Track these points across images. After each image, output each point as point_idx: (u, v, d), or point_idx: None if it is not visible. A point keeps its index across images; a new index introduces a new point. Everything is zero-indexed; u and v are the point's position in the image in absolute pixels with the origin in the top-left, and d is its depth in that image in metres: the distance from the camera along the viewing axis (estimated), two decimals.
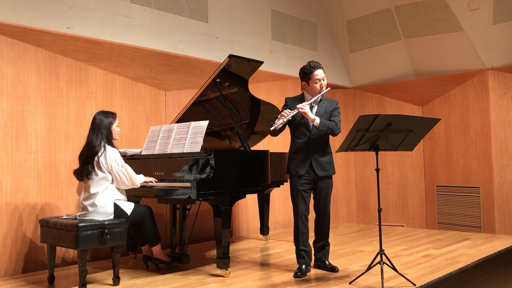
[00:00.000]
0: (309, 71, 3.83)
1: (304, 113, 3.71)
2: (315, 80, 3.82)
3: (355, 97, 7.73)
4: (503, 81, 6.36)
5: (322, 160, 3.85)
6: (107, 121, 3.79)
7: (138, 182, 3.78)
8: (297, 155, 3.87)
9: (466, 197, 6.57)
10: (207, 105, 4.61)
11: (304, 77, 3.88)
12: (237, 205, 6.00)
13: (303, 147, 3.85)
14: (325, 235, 3.98)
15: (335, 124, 3.81)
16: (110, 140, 3.80)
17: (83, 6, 4.50)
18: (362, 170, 7.59)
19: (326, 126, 3.76)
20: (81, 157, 3.78)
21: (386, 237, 5.64)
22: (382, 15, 6.86)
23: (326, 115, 3.86)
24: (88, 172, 3.68)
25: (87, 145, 3.75)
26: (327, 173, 3.88)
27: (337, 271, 3.90)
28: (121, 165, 3.73)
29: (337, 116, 3.90)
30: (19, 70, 4.29)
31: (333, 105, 3.94)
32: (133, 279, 3.85)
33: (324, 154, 3.87)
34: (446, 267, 4.00)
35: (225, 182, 3.83)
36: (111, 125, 3.81)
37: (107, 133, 3.77)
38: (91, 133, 3.77)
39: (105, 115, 3.81)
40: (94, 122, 3.78)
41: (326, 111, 3.88)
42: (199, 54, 5.44)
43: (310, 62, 3.87)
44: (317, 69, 3.82)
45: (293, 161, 3.90)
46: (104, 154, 3.69)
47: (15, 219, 4.21)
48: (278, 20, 6.56)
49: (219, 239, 3.80)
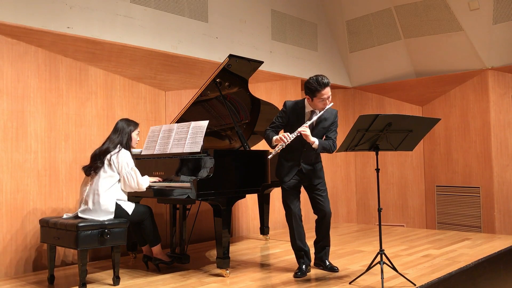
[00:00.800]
0: (316, 89, 3.60)
1: (305, 135, 3.63)
2: (320, 99, 3.65)
3: (355, 97, 7.73)
4: (503, 81, 6.36)
5: (314, 169, 3.86)
6: (128, 128, 3.95)
7: (144, 187, 3.83)
8: (287, 162, 3.85)
9: (466, 197, 6.57)
10: (207, 105, 4.61)
11: (309, 93, 3.67)
12: (237, 205, 6.00)
13: (295, 158, 3.83)
14: (325, 235, 3.97)
15: (332, 143, 3.76)
16: (129, 145, 3.93)
17: (83, 6, 4.50)
18: (362, 170, 7.59)
19: (324, 148, 3.71)
20: (94, 154, 3.87)
21: (386, 237, 5.65)
22: (382, 15, 6.86)
23: (323, 130, 3.80)
24: (96, 167, 3.75)
25: (103, 144, 3.89)
26: (320, 180, 3.89)
27: (337, 271, 3.90)
28: (131, 168, 3.78)
29: (333, 132, 3.83)
30: (19, 70, 4.29)
31: (332, 117, 3.82)
32: (133, 279, 3.85)
33: (315, 163, 3.87)
34: (446, 267, 4.00)
35: (225, 182, 3.83)
36: (131, 132, 3.96)
37: (127, 138, 3.91)
38: (112, 135, 3.92)
39: (127, 123, 3.97)
40: (116, 127, 3.95)
41: (325, 125, 3.79)
42: (199, 54, 5.44)
43: (317, 77, 3.62)
44: (324, 87, 3.59)
45: (281, 167, 3.89)
46: (117, 154, 3.77)
47: (15, 219, 4.21)
48: (278, 20, 6.56)
49: (219, 239, 3.80)
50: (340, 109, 7.68)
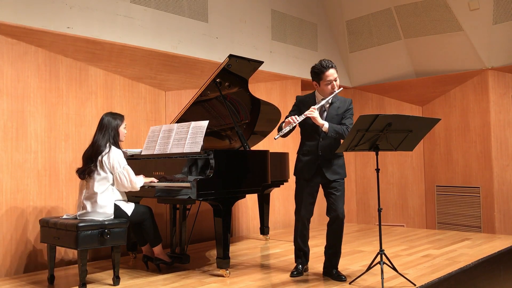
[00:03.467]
0: (320, 71, 3.61)
1: (313, 118, 3.53)
2: (326, 81, 3.61)
3: (355, 97, 7.72)
4: (503, 81, 6.36)
5: (333, 163, 3.66)
6: (115, 122, 3.81)
7: (138, 186, 3.77)
8: (305, 157, 3.73)
9: (466, 197, 6.57)
10: (207, 105, 4.61)
11: (315, 77, 3.67)
12: (237, 205, 6.00)
13: (312, 150, 3.69)
14: (338, 242, 3.72)
15: (346, 128, 3.60)
16: (117, 141, 3.82)
17: (83, 6, 4.50)
18: (362, 170, 7.59)
19: (335, 131, 3.57)
20: (85, 155, 3.79)
21: (386, 237, 5.65)
22: (382, 15, 6.86)
23: (337, 117, 3.68)
24: (90, 171, 3.68)
25: (92, 144, 3.77)
26: (339, 176, 3.68)
27: (345, 280, 3.63)
28: (123, 167, 3.72)
29: (349, 119, 3.69)
30: (19, 70, 4.29)
31: (346, 105, 3.72)
32: (133, 279, 3.85)
33: (335, 157, 3.68)
34: (446, 267, 4.00)
35: (225, 182, 3.83)
36: (118, 127, 3.83)
37: (114, 134, 3.80)
38: (98, 133, 3.79)
39: (113, 117, 3.84)
40: (102, 123, 3.80)
41: (338, 112, 3.68)
42: (199, 54, 5.44)
43: (322, 61, 3.65)
44: (329, 69, 3.60)
45: (300, 163, 3.77)
46: (108, 154, 3.70)
47: (15, 219, 4.21)
48: (278, 20, 6.56)
49: (219, 239, 3.80)
50: None
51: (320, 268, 3.94)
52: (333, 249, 3.74)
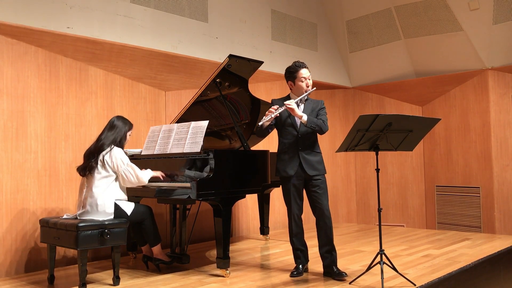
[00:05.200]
0: (295, 70, 3.84)
1: (291, 109, 3.67)
2: (300, 79, 3.81)
3: (355, 97, 7.73)
4: (503, 81, 6.36)
5: (311, 159, 3.78)
6: (125, 128, 3.90)
7: (145, 179, 3.79)
8: (285, 155, 3.82)
9: (466, 197, 6.57)
10: (207, 105, 4.61)
11: (289, 77, 3.88)
12: (237, 205, 6.00)
13: (291, 146, 3.80)
14: (328, 240, 3.76)
15: (322, 122, 3.77)
16: (122, 145, 3.88)
17: (83, 6, 4.50)
18: (362, 170, 7.59)
19: (314, 123, 3.72)
20: (87, 152, 3.82)
21: (386, 237, 5.64)
22: (382, 15, 6.86)
23: (312, 115, 3.82)
24: (91, 167, 3.70)
25: (97, 141, 3.82)
26: (318, 172, 3.77)
27: (346, 276, 3.67)
28: (127, 164, 3.75)
29: (323, 115, 3.86)
30: (19, 70, 4.30)
31: (319, 105, 3.90)
32: (133, 279, 3.85)
33: (313, 153, 3.81)
34: (446, 267, 4.00)
35: (225, 182, 3.83)
36: (126, 132, 3.92)
37: (121, 138, 3.86)
38: (107, 131, 3.84)
39: (124, 122, 3.92)
40: (113, 124, 3.87)
41: (313, 110, 3.85)
42: (199, 54, 5.44)
43: (295, 62, 3.89)
44: (302, 68, 3.83)
45: (281, 161, 3.85)
46: (109, 153, 3.72)
47: (15, 219, 4.21)
48: (278, 20, 6.56)
49: (219, 239, 3.80)
50: (340, 109, 7.69)
51: (320, 268, 3.94)
52: (326, 247, 3.78)
